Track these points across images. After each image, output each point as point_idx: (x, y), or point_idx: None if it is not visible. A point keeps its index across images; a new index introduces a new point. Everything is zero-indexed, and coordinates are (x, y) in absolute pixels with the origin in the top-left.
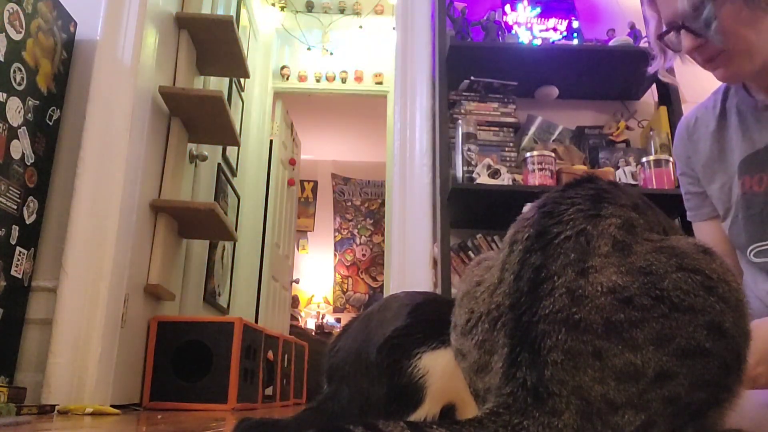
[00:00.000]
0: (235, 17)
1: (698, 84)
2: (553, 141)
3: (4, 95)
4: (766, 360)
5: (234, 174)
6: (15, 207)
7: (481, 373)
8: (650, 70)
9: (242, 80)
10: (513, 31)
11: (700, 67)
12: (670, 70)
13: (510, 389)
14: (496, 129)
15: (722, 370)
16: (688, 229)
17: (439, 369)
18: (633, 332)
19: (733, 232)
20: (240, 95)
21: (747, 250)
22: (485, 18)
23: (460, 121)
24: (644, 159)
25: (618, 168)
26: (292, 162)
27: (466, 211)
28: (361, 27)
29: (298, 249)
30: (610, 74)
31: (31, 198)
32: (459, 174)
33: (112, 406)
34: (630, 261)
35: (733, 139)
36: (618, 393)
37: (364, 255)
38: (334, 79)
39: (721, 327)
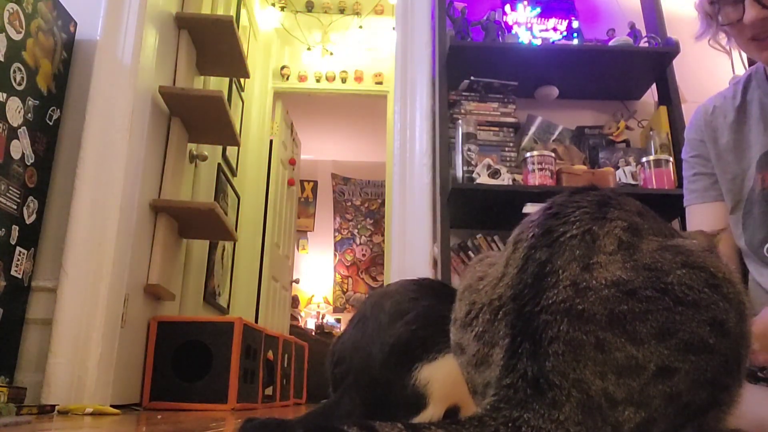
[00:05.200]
0: (235, 17)
1: (698, 84)
2: (553, 141)
3: (4, 95)
4: (760, 337)
5: (234, 174)
6: (15, 207)
7: (480, 366)
8: (696, 39)
9: (242, 80)
10: (513, 31)
11: (706, 59)
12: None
13: (510, 380)
14: (496, 129)
15: (723, 369)
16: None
17: (439, 377)
18: (636, 325)
19: (747, 227)
20: (240, 95)
21: (763, 246)
22: (485, 18)
23: (460, 121)
24: (644, 159)
25: (618, 168)
26: (292, 162)
27: (466, 211)
28: (361, 27)
29: (298, 249)
30: (610, 74)
31: (31, 198)
32: (459, 174)
33: (112, 406)
34: (635, 258)
35: (753, 132)
36: (618, 388)
37: (364, 255)
38: (334, 79)
39: (724, 325)
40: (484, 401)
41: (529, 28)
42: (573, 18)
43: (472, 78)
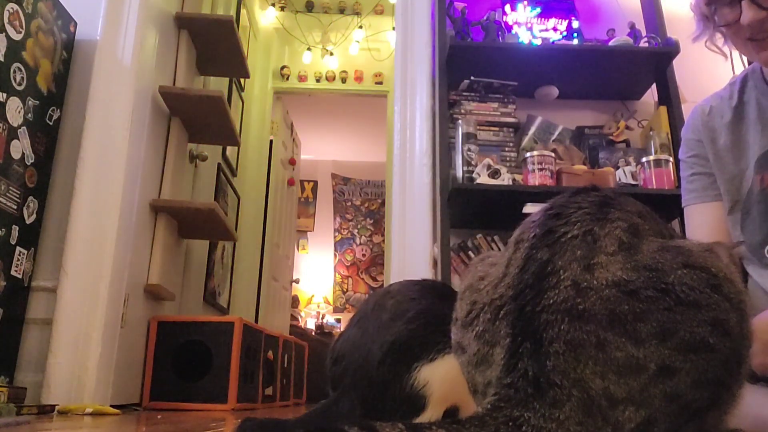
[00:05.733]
0: (235, 17)
1: (698, 84)
2: (553, 141)
3: (4, 95)
4: (756, 340)
5: (234, 174)
6: (15, 207)
7: (480, 366)
8: (692, 40)
9: (242, 80)
10: (513, 31)
11: (702, 59)
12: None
13: (511, 380)
14: (496, 129)
15: (724, 369)
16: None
17: (438, 378)
18: (636, 325)
19: (745, 228)
20: (240, 95)
21: (764, 248)
22: (485, 18)
23: (460, 121)
24: (644, 159)
25: (618, 168)
26: (292, 162)
27: (466, 211)
28: (361, 27)
29: (298, 249)
30: (610, 74)
31: (31, 198)
32: (459, 174)
33: (112, 406)
34: (636, 259)
35: (751, 132)
36: (619, 388)
37: (364, 255)
38: (334, 79)
39: (724, 325)
40: (485, 401)
41: (529, 28)
42: (573, 18)
43: (472, 78)
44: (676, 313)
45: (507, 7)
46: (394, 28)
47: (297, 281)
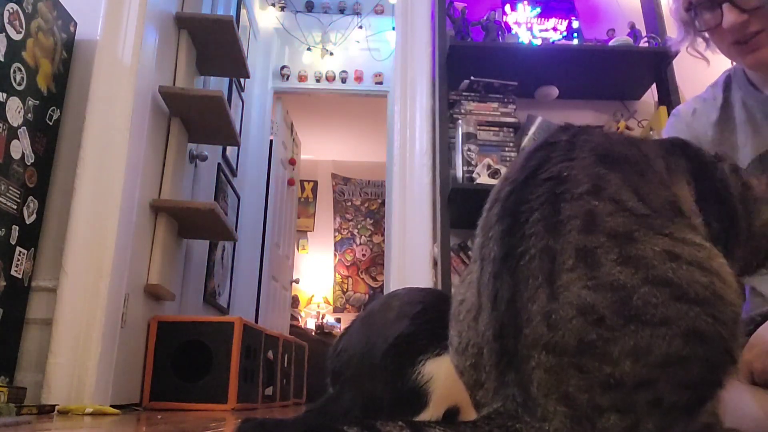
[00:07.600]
0: (235, 17)
1: (698, 84)
2: None
3: (4, 95)
4: (754, 347)
5: (234, 174)
6: (15, 207)
7: (475, 387)
8: (673, 47)
9: (242, 80)
10: (513, 31)
11: (700, 58)
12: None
13: (501, 403)
14: (496, 129)
15: (706, 370)
16: None
17: (442, 374)
18: (607, 348)
19: None
20: (240, 95)
21: None
22: (485, 18)
23: (460, 121)
24: None
25: None
26: (292, 162)
27: (466, 211)
28: (361, 27)
29: (298, 249)
30: (610, 74)
31: (31, 198)
32: (459, 174)
33: (112, 406)
34: (596, 275)
35: (740, 135)
36: (602, 398)
37: (364, 255)
38: (334, 79)
39: (698, 332)
40: (480, 414)
41: (529, 28)
42: (573, 18)
43: (472, 78)
44: (645, 335)
45: (507, 7)
46: (394, 28)
47: (297, 281)
